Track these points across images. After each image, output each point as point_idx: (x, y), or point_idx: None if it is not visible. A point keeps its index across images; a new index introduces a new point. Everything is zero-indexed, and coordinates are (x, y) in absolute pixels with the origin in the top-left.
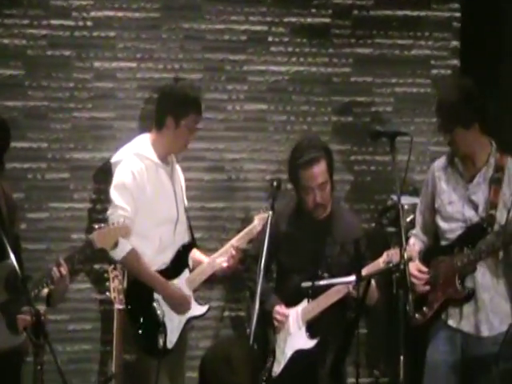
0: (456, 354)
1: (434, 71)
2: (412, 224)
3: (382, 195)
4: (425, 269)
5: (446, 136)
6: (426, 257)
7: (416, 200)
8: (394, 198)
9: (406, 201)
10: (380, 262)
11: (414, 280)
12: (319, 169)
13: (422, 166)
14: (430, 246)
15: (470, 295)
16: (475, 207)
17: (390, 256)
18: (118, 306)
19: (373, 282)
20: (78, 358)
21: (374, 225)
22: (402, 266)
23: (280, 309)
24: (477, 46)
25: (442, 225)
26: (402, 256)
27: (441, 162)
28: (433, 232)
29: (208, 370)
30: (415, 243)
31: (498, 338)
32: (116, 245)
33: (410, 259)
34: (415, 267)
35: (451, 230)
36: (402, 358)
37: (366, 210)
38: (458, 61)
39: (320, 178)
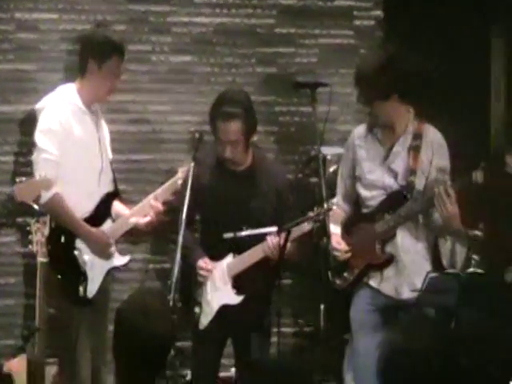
0: (378, 313)
1: (357, 22)
2: (335, 174)
3: (307, 146)
4: (343, 241)
5: (370, 108)
6: (348, 225)
7: (340, 150)
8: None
9: (329, 151)
10: (305, 227)
11: (334, 252)
12: (234, 126)
13: (345, 117)
14: (351, 213)
15: (390, 260)
16: (395, 175)
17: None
18: (40, 259)
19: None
20: (2, 313)
21: (298, 175)
22: (321, 217)
23: (203, 264)
24: None
25: (363, 192)
26: (322, 206)
27: (360, 129)
28: (354, 200)
29: (123, 320)
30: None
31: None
32: (38, 198)
33: (330, 209)
34: (335, 239)
35: (372, 197)
36: (322, 307)
37: (290, 161)
38: (382, 12)
39: (232, 135)
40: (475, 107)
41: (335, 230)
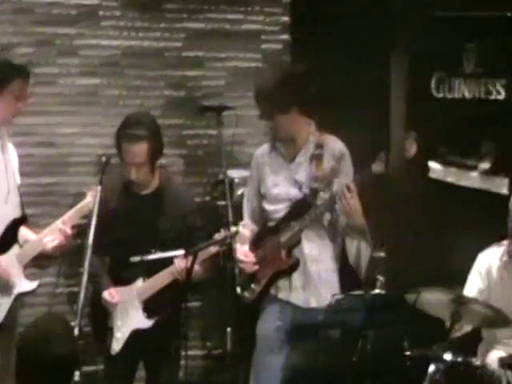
0: (286, 326)
1: (265, 46)
2: (242, 197)
3: (215, 169)
4: (251, 253)
5: (267, 123)
6: (255, 241)
7: (248, 173)
8: (228, 171)
9: (237, 174)
10: (211, 250)
11: (241, 265)
12: (139, 148)
13: (253, 140)
14: (258, 230)
15: (296, 264)
16: (299, 186)
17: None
18: None
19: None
20: None
21: (206, 198)
22: (228, 240)
23: (108, 296)
24: (307, 20)
25: (268, 207)
26: (228, 229)
27: (263, 148)
28: (261, 219)
29: (25, 346)
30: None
31: (325, 309)
32: None
33: (237, 233)
34: (242, 252)
35: (277, 210)
36: (228, 329)
37: (198, 184)
38: (289, 36)
39: (137, 157)
40: (376, 120)
41: (241, 248)
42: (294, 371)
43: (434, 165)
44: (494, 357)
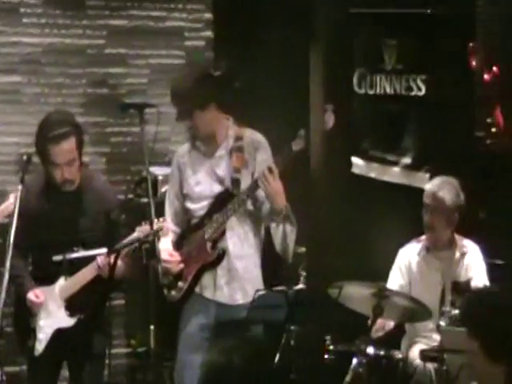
0: (210, 324)
1: (188, 43)
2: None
3: (138, 166)
4: (175, 253)
5: (187, 123)
6: (178, 241)
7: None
8: (150, 169)
9: (160, 171)
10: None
11: (166, 265)
12: (68, 146)
13: (177, 137)
14: (181, 230)
15: (222, 255)
16: (221, 180)
17: (142, 232)
18: None
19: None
20: None
21: (129, 196)
22: (151, 238)
23: (33, 297)
24: (230, 17)
25: (192, 206)
26: (151, 227)
27: (183, 148)
28: (184, 221)
29: None
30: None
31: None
32: None
33: (161, 229)
34: (167, 252)
35: (200, 208)
36: (152, 327)
37: (122, 182)
38: (212, 32)
39: (68, 154)
40: (297, 116)
41: (166, 244)
42: (214, 369)
43: (356, 160)
44: (416, 350)
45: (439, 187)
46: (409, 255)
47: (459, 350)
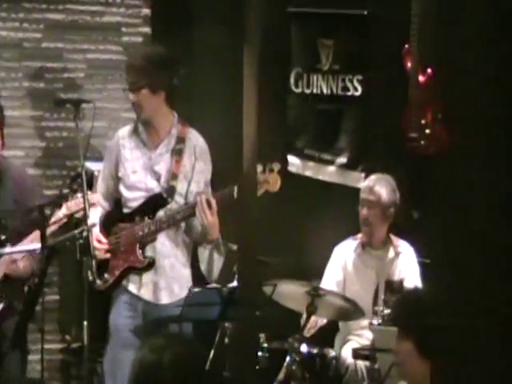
0: (137, 319)
1: (126, 38)
2: None
3: (75, 161)
4: (104, 239)
5: (132, 96)
6: (107, 223)
7: None
8: (86, 164)
9: (96, 167)
10: (60, 215)
11: (95, 252)
12: None
13: (113, 133)
14: (110, 212)
15: (151, 264)
16: (158, 177)
17: (70, 207)
18: None
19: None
20: None
21: (64, 191)
22: (85, 233)
23: None
24: (168, 14)
25: (125, 193)
26: (85, 223)
27: (125, 130)
28: (114, 199)
29: None
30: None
31: (178, 304)
32: None
33: (94, 225)
34: (95, 237)
35: (134, 198)
36: (85, 323)
37: (58, 176)
38: (149, 28)
39: None
40: (231, 114)
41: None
42: (146, 367)
43: (292, 159)
44: (348, 348)
45: (375, 182)
46: (344, 252)
47: (390, 349)
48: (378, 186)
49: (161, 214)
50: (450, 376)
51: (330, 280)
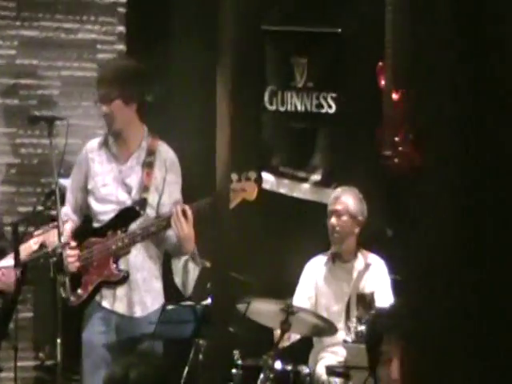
0: (111, 335)
1: (101, 55)
2: None
3: (49, 178)
4: (74, 251)
5: (105, 107)
6: (77, 237)
7: None
8: (60, 181)
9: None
10: (31, 244)
11: (69, 265)
12: None
13: None
14: (81, 226)
15: (125, 278)
16: (129, 190)
17: (42, 238)
18: None
19: None
20: None
21: (38, 207)
22: (59, 250)
23: None
24: (142, 31)
25: (96, 206)
26: (59, 240)
27: (94, 143)
28: (83, 212)
29: None
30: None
31: (150, 317)
32: None
33: (68, 244)
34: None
35: (105, 212)
36: (58, 340)
37: (32, 194)
38: (124, 46)
39: None
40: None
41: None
42: (112, 382)
43: (266, 176)
44: (322, 365)
45: (341, 193)
46: (315, 267)
47: (363, 366)
48: (345, 196)
49: (133, 226)
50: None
51: (302, 296)
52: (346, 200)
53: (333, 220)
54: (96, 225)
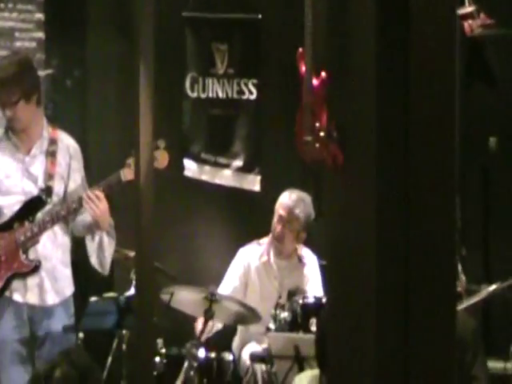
0: (25, 328)
1: (19, 43)
2: None
3: None
4: None
5: (9, 112)
6: None
7: None
8: None
9: None
10: None
11: None
12: None
13: None
14: None
15: (37, 267)
16: (34, 179)
17: None
18: None
19: None
20: None
21: None
22: None
23: None
24: (61, 18)
25: (0, 201)
26: None
27: None
28: None
29: None
30: None
31: (64, 303)
32: None
33: None
34: None
35: (9, 205)
36: None
37: None
38: (43, 33)
39: None
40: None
41: None
42: (40, 378)
43: (188, 163)
44: (247, 351)
45: (296, 204)
46: (249, 257)
47: (285, 355)
48: (298, 209)
49: (39, 216)
50: None
51: (231, 282)
52: (299, 214)
53: (280, 229)
54: (0, 220)
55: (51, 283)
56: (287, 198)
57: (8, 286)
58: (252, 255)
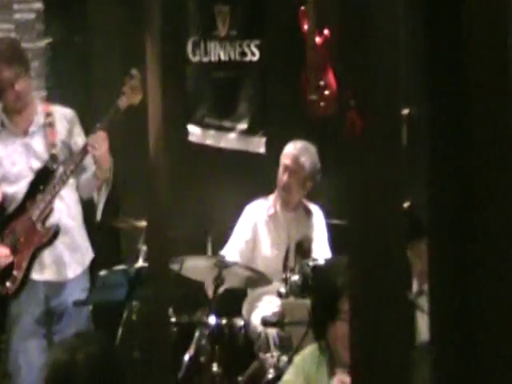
0: (40, 305)
1: (18, 15)
2: None
3: None
4: (2, 248)
5: (17, 86)
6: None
7: None
8: None
9: None
10: None
11: None
12: None
13: None
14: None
15: (57, 232)
16: (39, 156)
17: None
18: None
19: None
20: None
21: None
22: None
23: None
24: None
25: (10, 189)
26: None
27: None
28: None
29: None
30: None
31: (81, 276)
32: None
33: None
34: None
35: (20, 190)
36: None
37: None
38: (42, 4)
39: None
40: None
41: None
42: (58, 367)
43: (192, 128)
44: (257, 315)
45: (301, 152)
46: (256, 212)
47: (298, 321)
48: (304, 157)
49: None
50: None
51: (240, 238)
52: (304, 162)
53: (285, 179)
54: (13, 207)
55: (70, 255)
56: (292, 148)
57: (33, 264)
58: (259, 210)
